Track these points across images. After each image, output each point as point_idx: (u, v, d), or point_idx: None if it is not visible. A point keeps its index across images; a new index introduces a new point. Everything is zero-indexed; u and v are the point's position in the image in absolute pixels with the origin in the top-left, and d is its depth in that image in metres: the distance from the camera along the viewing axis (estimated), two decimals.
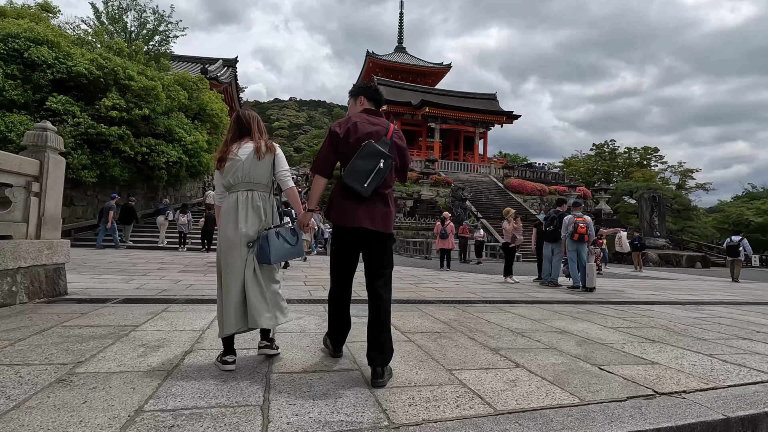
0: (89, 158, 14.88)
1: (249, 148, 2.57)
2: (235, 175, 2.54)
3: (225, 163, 2.56)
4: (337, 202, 2.49)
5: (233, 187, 2.57)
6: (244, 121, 2.65)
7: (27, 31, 14.82)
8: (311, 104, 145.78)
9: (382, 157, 2.38)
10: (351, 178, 2.36)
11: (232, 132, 2.68)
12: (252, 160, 2.54)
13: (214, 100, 21.16)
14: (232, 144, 2.61)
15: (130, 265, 8.88)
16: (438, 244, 12.20)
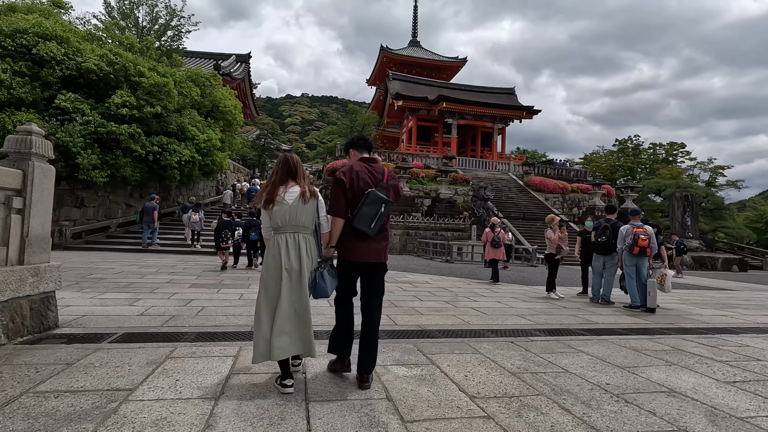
0: (99, 158, 14.34)
1: (295, 194, 2.84)
2: (283, 219, 2.82)
3: (273, 205, 2.82)
4: (347, 241, 2.95)
5: (280, 228, 2.84)
6: (291, 165, 2.93)
7: (35, 26, 14.30)
8: (323, 100, 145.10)
9: (383, 202, 2.87)
10: (360, 222, 2.84)
11: (279, 174, 2.91)
12: (298, 205, 2.82)
13: (227, 97, 20.51)
14: (279, 186, 2.87)
15: (138, 276, 8.22)
16: (488, 254, 10.93)
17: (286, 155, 3.00)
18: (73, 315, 4.71)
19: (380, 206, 2.85)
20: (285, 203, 2.81)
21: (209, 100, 19.73)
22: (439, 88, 40.10)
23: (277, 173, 2.92)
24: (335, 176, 2.94)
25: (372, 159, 3.11)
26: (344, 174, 2.92)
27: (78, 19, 18.71)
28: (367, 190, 2.87)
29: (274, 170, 2.96)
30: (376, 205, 2.84)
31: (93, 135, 14.22)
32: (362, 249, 2.93)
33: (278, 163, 2.97)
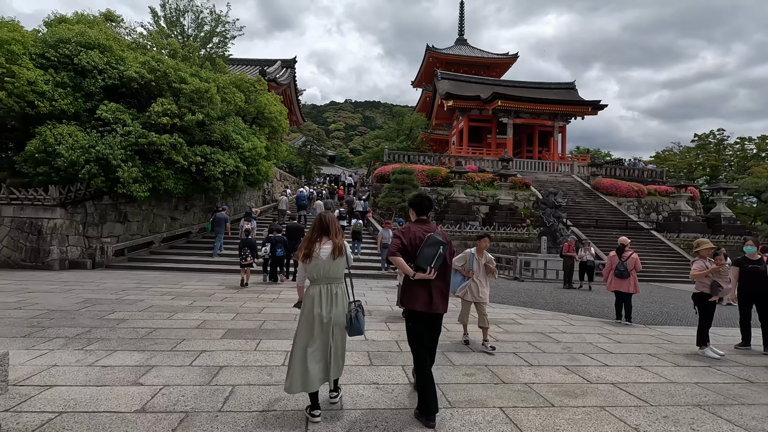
0: (140, 170, 13.48)
1: (328, 250, 3.32)
2: (318, 273, 3.30)
3: (310, 260, 3.30)
4: (409, 289, 3.52)
5: (316, 280, 3.33)
6: (324, 223, 3.42)
7: (78, 35, 13.74)
8: (366, 105, 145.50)
9: (441, 244, 3.41)
10: (421, 261, 3.37)
11: (316, 232, 3.40)
12: (329, 260, 3.29)
13: (272, 102, 19.44)
14: (315, 243, 3.35)
15: (166, 313, 6.83)
16: (611, 285, 7.96)
17: (320, 215, 3.48)
18: (47, 410, 3.20)
19: (439, 247, 3.38)
20: (320, 259, 3.29)
21: (254, 107, 18.72)
22: (491, 86, 37.55)
23: (314, 230, 3.40)
24: (395, 233, 3.64)
25: (425, 221, 3.68)
26: (403, 234, 3.54)
27: (125, 29, 18.36)
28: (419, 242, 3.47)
29: (312, 227, 3.44)
30: (435, 246, 3.38)
31: (134, 146, 13.41)
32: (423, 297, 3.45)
33: (315, 222, 3.45)
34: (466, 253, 5.83)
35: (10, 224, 12.67)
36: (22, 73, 12.14)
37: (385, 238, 13.91)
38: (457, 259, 5.69)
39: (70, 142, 12.40)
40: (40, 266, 12.29)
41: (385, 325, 6.72)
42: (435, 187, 25.80)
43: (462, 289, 5.75)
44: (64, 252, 12.76)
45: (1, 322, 5.85)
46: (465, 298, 5.76)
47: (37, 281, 9.84)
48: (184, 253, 15.58)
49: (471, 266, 5.71)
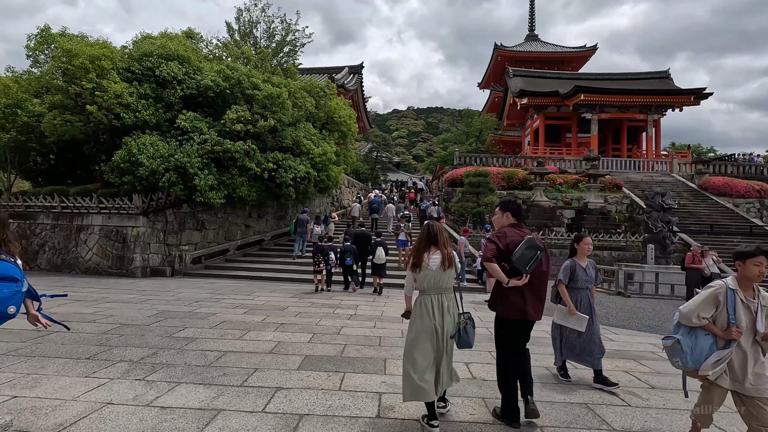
0: (216, 178, 13.42)
1: (437, 260, 3.30)
2: (429, 283, 3.30)
3: (419, 270, 3.31)
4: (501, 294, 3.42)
5: (426, 290, 3.32)
6: (432, 233, 3.40)
7: (159, 47, 14.12)
8: (428, 111, 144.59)
9: (539, 248, 3.30)
10: (518, 262, 3.24)
11: (423, 242, 3.40)
12: (439, 270, 3.29)
13: (342, 106, 18.96)
14: (424, 253, 3.35)
15: (238, 332, 6.10)
16: None
17: (428, 224, 3.49)
18: None
19: (536, 251, 3.27)
20: (429, 269, 3.29)
21: (324, 111, 18.36)
22: (570, 80, 34.50)
23: (422, 240, 3.42)
24: (490, 237, 3.54)
25: (521, 225, 3.57)
26: (498, 238, 3.44)
27: (203, 42, 18.97)
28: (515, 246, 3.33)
29: (419, 237, 3.48)
30: (534, 249, 3.26)
31: (210, 154, 13.41)
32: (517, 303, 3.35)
33: (422, 232, 3.47)
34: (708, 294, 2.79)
35: (99, 232, 13.15)
36: (110, 87, 12.58)
37: (466, 246, 12.58)
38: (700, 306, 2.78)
39: (151, 151, 12.61)
40: (124, 273, 12.56)
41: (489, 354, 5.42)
42: (512, 191, 23.81)
43: (718, 364, 2.73)
44: (146, 260, 12.96)
45: (72, 338, 5.42)
46: (719, 383, 2.76)
47: (118, 290, 9.81)
48: (258, 260, 15.38)
49: (731, 314, 2.71)
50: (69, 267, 13.20)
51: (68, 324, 4.15)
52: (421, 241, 3.40)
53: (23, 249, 13.87)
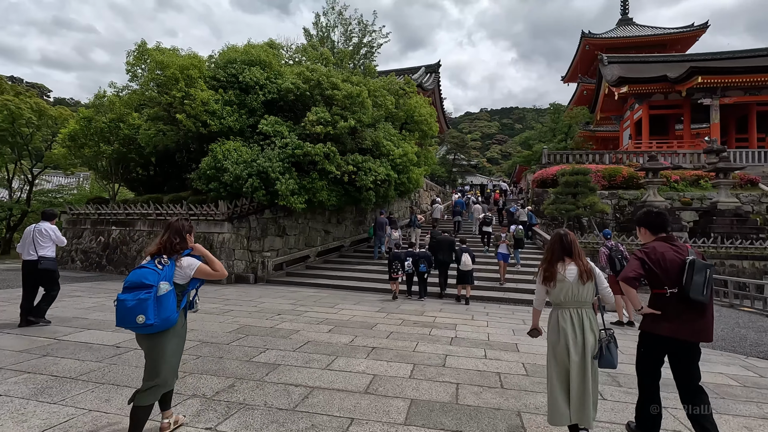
0: (297, 182, 13.00)
1: (573, 272, 3.07)
2: (566, 296, 3.07)
3: (553, 282, 3.09)
4: (672, 315, 2.95)
5: (562, 304, 3.10)
6: (566, 243, 3.14)
7: (243, 54, 14.17)
8: (502, 112, 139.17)
9: (708, 267, 2.91)
10: (695, 292, 2.84)
11: (554, 253, 3.16)
12: (577, 283, 3.04)
13: (422, 105, 17.88)
14: (557, 264, 3.11)
15: (323, 361, 5.15)
16: None
17: (560, 233, 3.21)
18: None
19: (706, 271, 2.89)
20: (566, 281, 3.04)
21: (403, 111, 17.40)
22: (680, 62, 29.99)
23: (553, 251, 3.17)
24: (636, 253, 3.13)
25: (671, 237, 3.17)
26: (647, 255, 3.04)
27: (282, 49, 19.08)
28: (675, 266, 2.96)
29: (549, 248, 3.21)
30: (703, 271, 2.88)
31: (290, 158, 13.04)
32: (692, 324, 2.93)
33: (553, 242, 3.20)
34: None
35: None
36: (197, 95, 12.74)
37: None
38: None
39: (235, 156, 12.51)
40: (210, 279, 12.53)
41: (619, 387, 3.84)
42: (614, 190, 20.87)
43: None
44: (231, 266, 12.88)
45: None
46: None
47: (203, 298, 9.55)
48: (338, 268, 14.74)
49: None
50: None
51: None
52: (553, 253, 3.18)
53: (122, 255, 14.66)
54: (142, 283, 2.65)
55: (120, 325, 2.67)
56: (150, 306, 2.63)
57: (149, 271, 2.71)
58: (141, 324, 2.61)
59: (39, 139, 21.70)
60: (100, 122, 15.42)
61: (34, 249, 6.35)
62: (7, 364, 4.48)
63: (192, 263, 2.95)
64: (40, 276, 6.43)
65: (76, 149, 15.91)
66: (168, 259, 2.84)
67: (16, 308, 6.66)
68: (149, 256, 2.88)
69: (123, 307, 2.60)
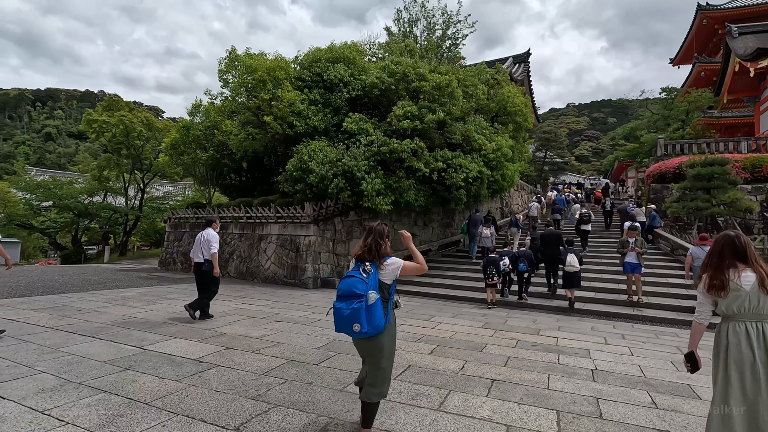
0: (383, 182, 12.19)
1: (751, 280, 2.58)
2: (740, 307, 2.58)
3: (725, 292, 2.59)
4: None
5: (735, 316, 2.61)
6: (740, 246, 2.66)
7: (327, 51, 13.81)
8: (591, 106, 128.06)
9: None
10: None
11: (723, 257, 2.68)
12: (757, 292, 2.54)
13: (515, 94, 16.18)
14: (727, 271, 2.63)
15: (433, 399, 4.07)
16: None
17: (729, 234, 2.75)
18: None
19: None
20: (741, 290, 2.59)
21: (495, 101, 15.85)
22: None
23: (721, 255, 2.70)
24: None
25: None
26: None
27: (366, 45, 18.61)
28: None
29: (714, 251, 2.75)
30: None
31: (376, 156, 12.29)
32: None
33: (721, 244, 2.73)
34: None
35: (276, 241, 13.24)
36: (284, 96, 12.56)
37: (697, 257, 8.48)
38: None
39: (320, 157, 12.07)
40: (297, 284, 12.23)
41: None
42: (760, 184, 17.11)
43: None
44: (317, 270, 12.45)
45: (228, 381, 4.15)
46: None
47: (289, 304, 9.06)
48: (427, 274, 13.63)
49: None
50: (252, 275, 13.62)
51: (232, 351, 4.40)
52: (721, 257, 2.68)
53: None
54: (353, 293, 2.78)
55: (339, 331, 2.88)
56: (363, 315, 2.75)
57: (358, 281, 2.81)
58: (357, 332, 2.78)
59: (148, 149, 23.81)
60: (196, 130, 16.14)
61: (201, 253, 7.14)
62: (87, 379, 4.07)
63: (397, 262, 3.03)
64: (204, 276, 7.15)
65: (176, 156, 16.86)
66: (371, 266, 2.92)
67: (138, 307, 6.53)
68: (353, 258, 3.07)
69: (340, 315, 2.80)
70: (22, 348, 5.05)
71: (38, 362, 4.52)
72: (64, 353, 4.87)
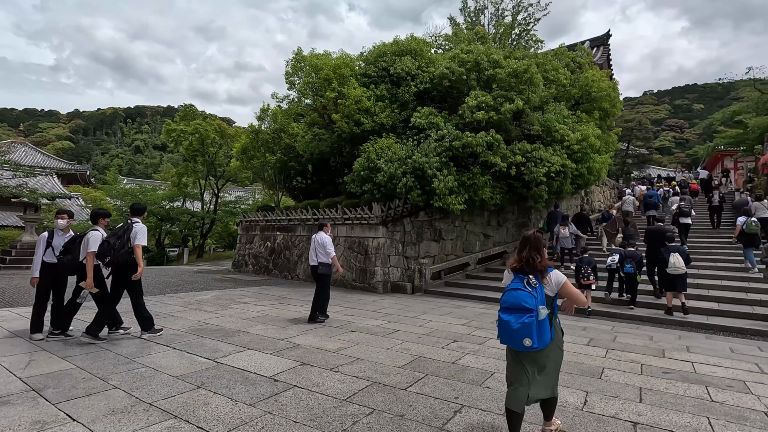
0: (456, 179, 11.31)
1: None
2: None
3: None
4: None
5: None
6: None
7: (393, 45, 13.23)
8: (673, 93, 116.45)
9: None
10: None
11: None
12: None
13: (601, 78, 14.51)
14: None
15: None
16: None
17: None
18: None
19: None
20: None
21: (577, 86, 14.29)
22: None
23: None
24: None
25: None
26: None
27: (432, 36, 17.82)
28: None
29: None
30: None
31: (447, 152, 11.44)
32: None
33: None
34: None
35: (343, 243, 12.85)
36: (350, 93, 12.15)
37: None
38: None
39: (388, 155, 11.48)
40: (366, 288, 11.71)
41: None
42: None
43: None
44: (387, 273, 11.85)
45: (306, 407, 3.57)
46: None
47: (362, 311, 8.51)
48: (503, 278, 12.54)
49: None
50: None
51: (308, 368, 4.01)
52: None
53: (286, 259, 15.05)
54: (522, 306, 2.73)
55: (504, 343, 2.85)
56: (534, 330, 2.70)
57: (527, 295, 2.77)
58: (527, 346, 2.71)
59: (221, 156, 24.87)
60: (265, 134, 16.34)
61: (315, 255, 7.47)
62: (158, 398, 3.70)
63: (559, 277, 2.97)
64: (318, 278, 7.43)
65: (246, 161, 17.21)
66: (535, 279, 2.86)
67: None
68: (509, 270, 3.08)
69: (509, 329, 2.73)
70: (100, 357, 4.89)
71: (112, 375, 4.27)
72: (138, 364, 4.62)
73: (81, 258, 5.58)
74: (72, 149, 79.85)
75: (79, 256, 5.59)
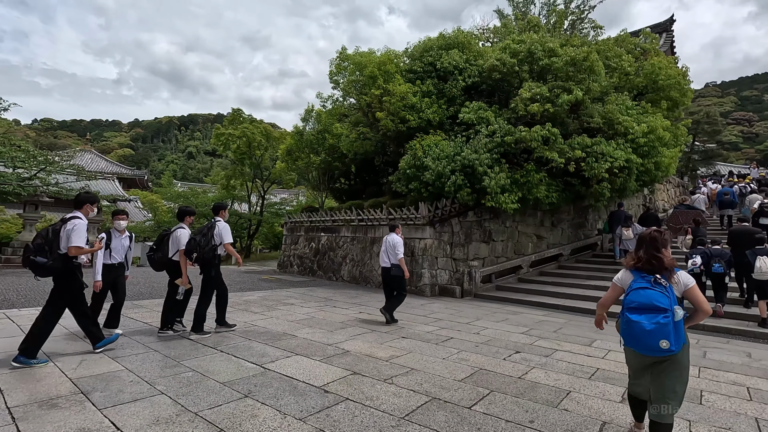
0: (508, 176, 10.63)
1: None
2: None
3: None
4: None
5: None
6: None
7: (439, 39, 12.73)
8: (740, 83, 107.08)
9: None
10: None
11: None
12: None
13: (668, 65, 13.23)
14: None
15: None
16: None
17: None
18: None
19: None
20: None
21: (642, 74, 13.13)
22: None
23: None
24: None
25: None
26: None
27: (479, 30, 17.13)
28: None
29: None
30: None
31: (499, 148, 10.78)
32: None
33: None
34: None
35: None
36: (395, 89, 11.80)
37: None
38: None
39: (436, 152, 10.99)
40: (413, 290, 11.26)
41: None
42: None
43: None
44: (434, 276, 11.35)
45: (360, 428, 3.19)
46: None
47: (410, 315, 8.08)
48: (560, 282, 11.67)
49: None
50: (365, 280, 13.07)
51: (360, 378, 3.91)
52: None
53: (330, 260, 14.91)
54: (654, 306, 2.56)
55: (631, 346, 2.68)
56: (671, 331, 2.52)
57: (659, 294, 2.59)
58: (663, 349, 2.52)
59: (267, 159, 25.36)
60: (309, 135, 16.34)
61: (387, 257, 7.35)
62: (204, 407, 3.47)
63: (688, 279, 2.76)
64: (392, 280, 7.32)
65: (291, 162, 17.30)
66: (662, 278, 2.65)
67: None
68: (626, 269, 2.93)
69: (640, 329, 2.56)
70: (149, 358, 4.79)
71: (159, 379, 4.11)
72: (185, 368, 4.45)
73: (170, 255, 5.84)
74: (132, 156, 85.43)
75: (168, 253, 5.83)
